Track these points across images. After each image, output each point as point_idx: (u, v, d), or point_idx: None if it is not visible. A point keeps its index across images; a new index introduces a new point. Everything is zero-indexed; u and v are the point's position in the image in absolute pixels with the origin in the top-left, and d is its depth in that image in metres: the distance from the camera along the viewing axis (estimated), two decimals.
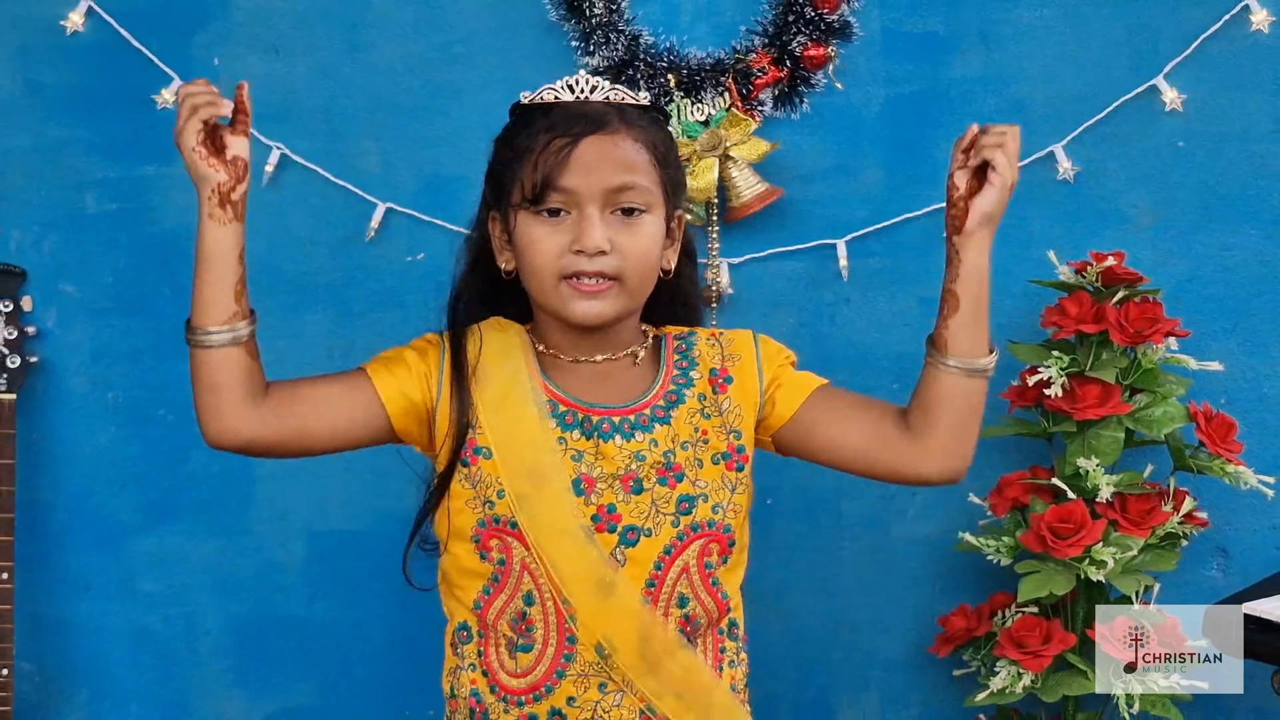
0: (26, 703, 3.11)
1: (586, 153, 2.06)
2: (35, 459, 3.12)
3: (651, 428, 2.14)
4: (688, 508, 2.13)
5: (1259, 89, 2.98)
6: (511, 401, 2.14)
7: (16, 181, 3.11)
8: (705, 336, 2.26)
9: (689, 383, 2.19)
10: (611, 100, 2.12)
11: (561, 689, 2.12)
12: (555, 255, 2.07)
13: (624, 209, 2.08)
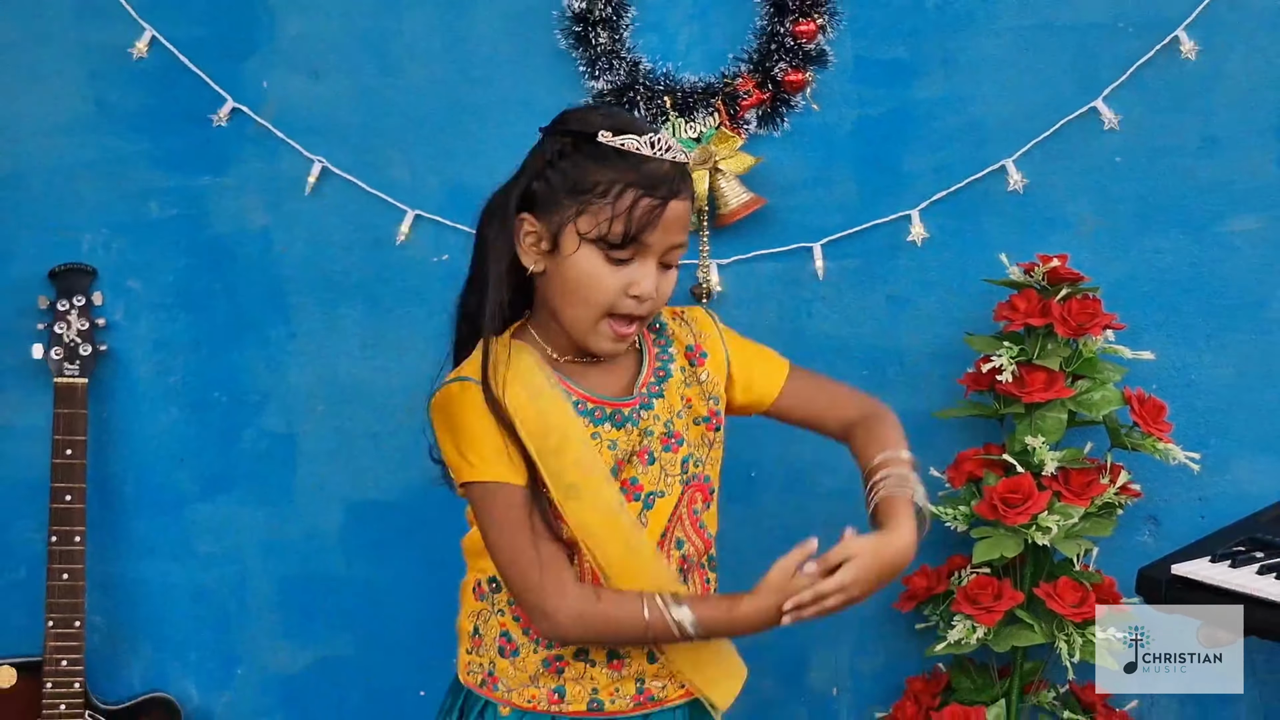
0: (96, 654, 3.11)
1: (670, 217, 2.08)
2: (104, 436, 3.14)
3: (651, 405, 2.20)
4: (687, 467, 2.21)
5: (1188, 110, 2.99)
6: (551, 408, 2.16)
7: (88, 190, 3.11)
8: (670, 316, 2.31)
9: (670, 358, 2.25)
10: (679, 162, 2.12)
11: None
12: (612, 293, 2.09)
13: (667, 264, 2.13)
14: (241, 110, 3.07)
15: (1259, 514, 2.85)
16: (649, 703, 2.24)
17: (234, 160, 3.11)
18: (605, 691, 2.21)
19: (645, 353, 2.25)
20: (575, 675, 2.21)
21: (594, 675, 2.21)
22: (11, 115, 3.10)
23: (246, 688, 3.23)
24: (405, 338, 3.10)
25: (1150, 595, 2.69)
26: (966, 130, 3.04)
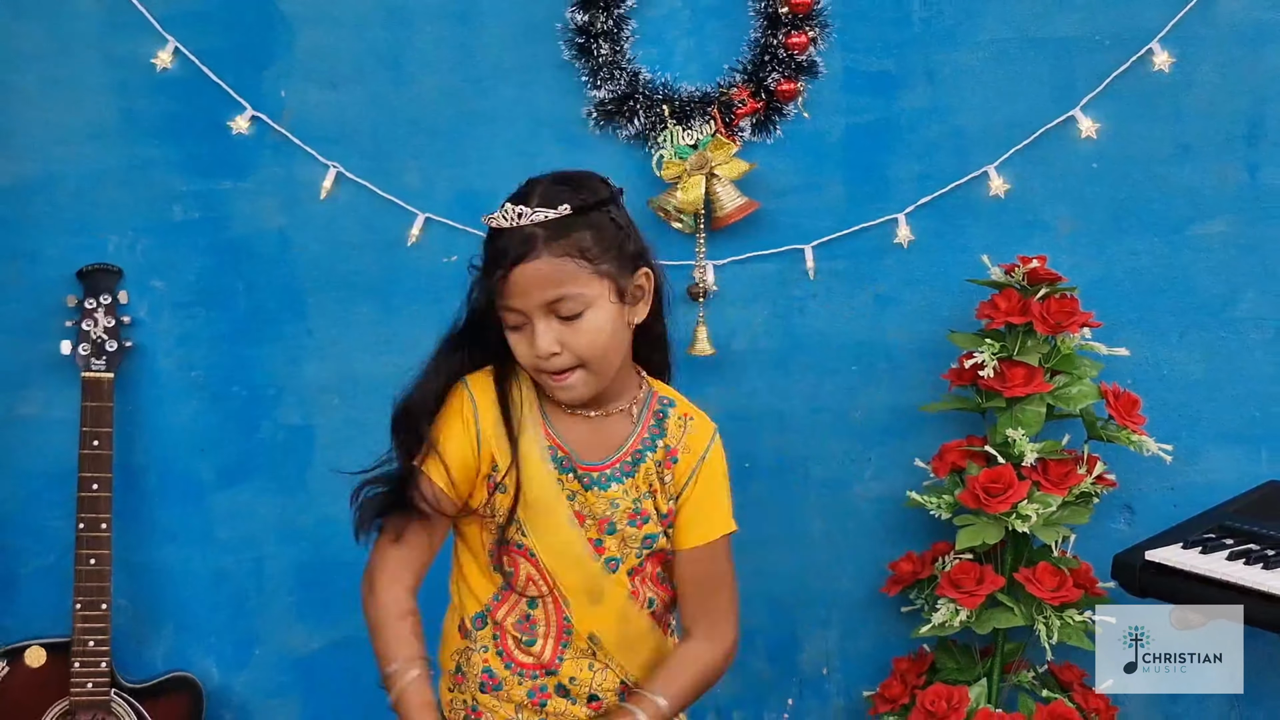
0: (122, 633, 3.12)
1: (518, 279, 2.07)
2: (129, 428, 3.14)
3: (623, 480, 2.21)
4: (649, 543, 2.23)
5: (1161, 119, 3.01)
6: (527, 445, 2.19)
7: (114, 194, 3.12)
8: (678, 416, 2.27)
9: (652, 448, 2.23)
10: (535, 223, 2.08)
11: (563, 669, 2.21)
12: (527, 357, 2.13)
13: (562, 315, 2.09)
14: (260, 118, 3.08)
15: (1228, 503, 2.86)
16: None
17: (253, 166, 3.11)
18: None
19: (636, 432, 2.24)
20: (556, 711, 2.23)
21: (574, 712, 2.23)
22: (41, 123, 3.10)
23: (264, 667, 3.24)
24: (415, 334, 3.09)
25: (1125, 580, 2.71)
26: (950, 138, 3.05)
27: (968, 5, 3.03)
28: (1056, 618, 2.81)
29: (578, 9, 3.01)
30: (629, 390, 2.25)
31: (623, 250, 2.15)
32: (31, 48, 3.09)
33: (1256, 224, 3.03)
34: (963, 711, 2.82)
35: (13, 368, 3.14)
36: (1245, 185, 3.02)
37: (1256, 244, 3.03)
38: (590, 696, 2.23)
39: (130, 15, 3.06)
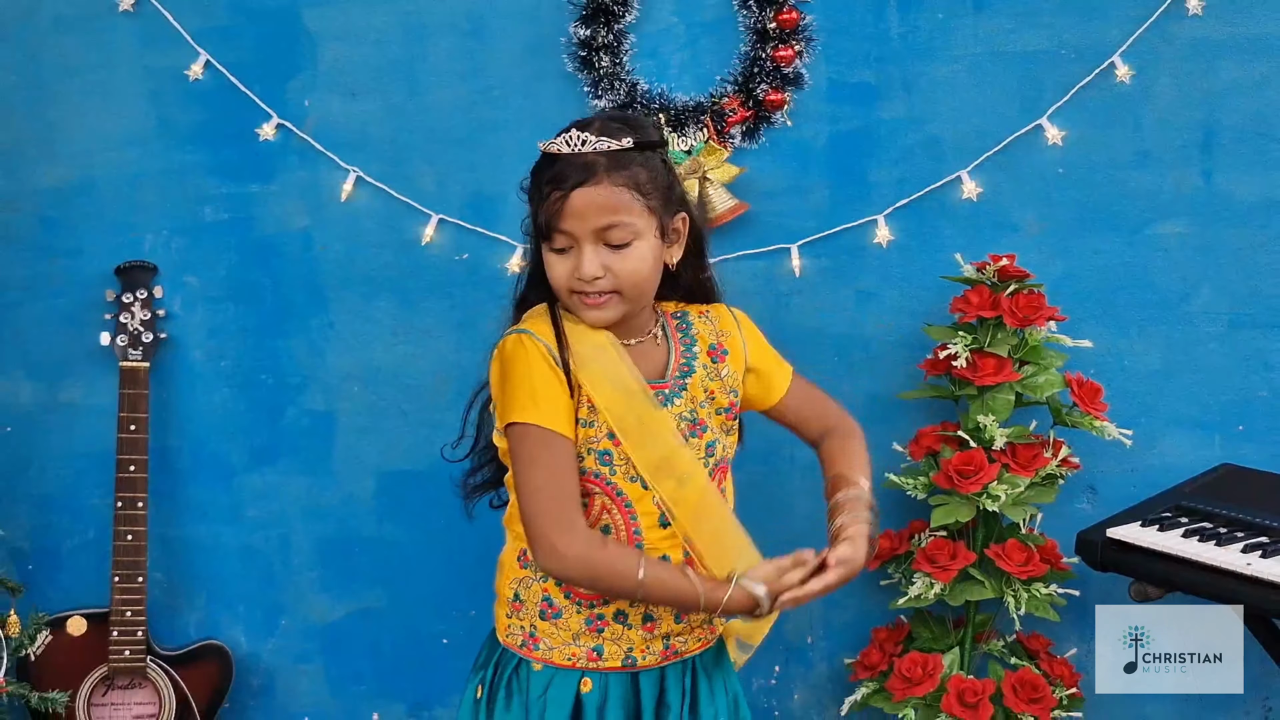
0: (157, 605, 3.12)
1: (577, 202, 2.05)
2: (164, 414, 3.13)
3: (679, 394, 2.19)
4: (711, 451, 2.22)
5: (1122, 127, 2.99)
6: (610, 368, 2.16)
7: (150, 197, 3.11)
8: (697, 314, 2.28)
9: (694, 355, 2.23)
10: (599, 151, 2.07)
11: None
12: (565, 278, 2.10)
13: (612, 244, 2.08)
14: (285, 126, 3.07)
15: (1183, 484, 2.87)
16: (673, 655, 2.24)
17: (279, 170, 3.10)
18: (638, 649, 2.21)
19: (671, 347, 2.24)
20: (613, 636, 2.20)
21: (630, 636, 2.20)
22: (82, 130, 3.09)
23: (290, 635, 3.23)
24: (430, 327, 3.10)
25: (1088, 556, 2.72)
26: (926, 145, 3.04)
27: (943, 21, 3.01)
28: (1024, 591, 2.82)
29: (580, 24, 2.99)
30: (649, 322, 2.24)
31: (669, 191, 2.16)
32: (74, 60, 3.08)
33: (1211, 225, 3.01)
34: (937, 678, 2.83)
35: (56, 357, 3.13)
36: (1200, 189, 3.01)
37: (1211, 244, 3.02)
38: (645, 618, 2.20)
39: (165, 30, 3.05)
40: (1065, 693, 2.87)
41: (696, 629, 2.26)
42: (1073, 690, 2.89)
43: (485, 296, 3.08)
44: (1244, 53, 2.96)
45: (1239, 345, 3.03)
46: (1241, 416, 3.04)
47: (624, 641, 2.20)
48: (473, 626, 3.17)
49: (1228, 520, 2.64)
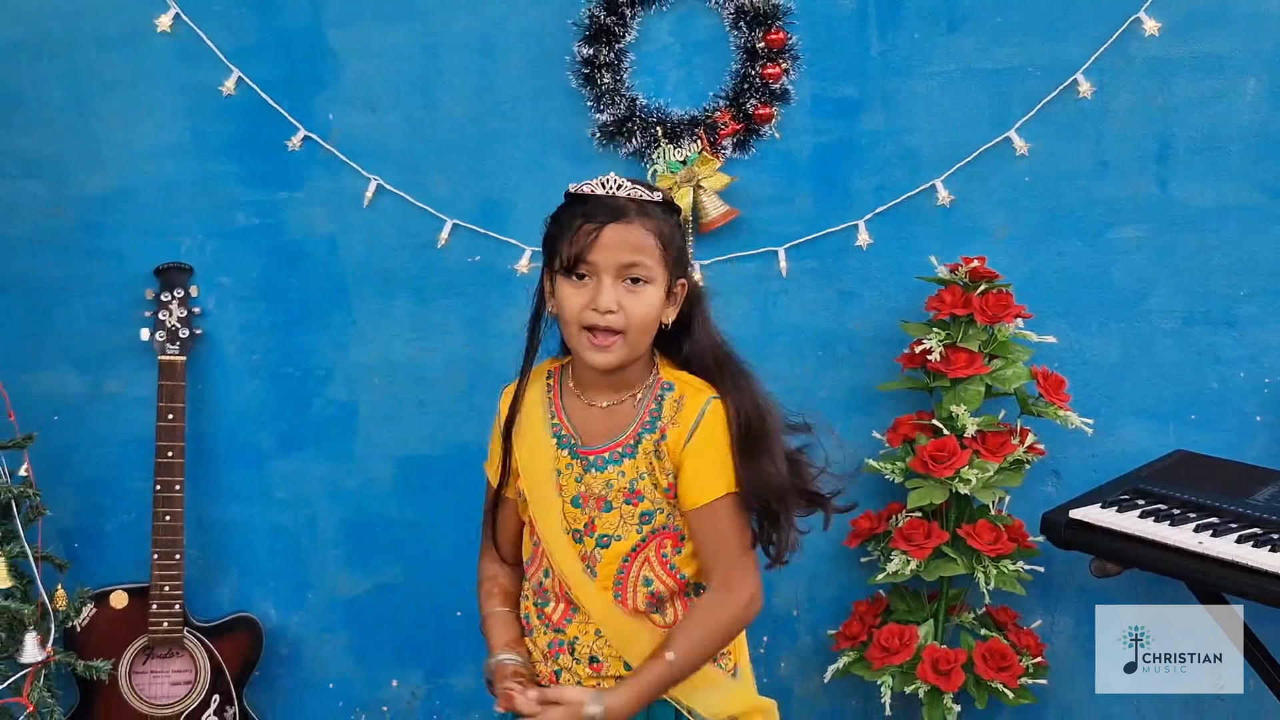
0: (193, 579, 3.13)
1: (608, 237, 2.04)
2: (199, 403, 3.14)
3: (621, 461, 2.13)
4: (647, 519, 2.14)
5: (1084, 140, 3.01)
6: (534, 426, 2.19)
7: (187, 203, 3.11)
8: (673, 399, 2.14)
9: (651, 430, 2.13)
10: (632, 197, 2.07)
11: (570, 630, 2.17)
12: (578, 309, 2.06)
13: (631, 279, 2.06)
14: (311, 138, 3.08)
15: (1140, 469, 2.88)
16: None
17: (305, 178, 3.11)
18: (587, 684, 2.17)
19: (639, 417, 2.16)
20: (567, 665, 2.18)
21: (578, 670, 2.18)
22: (124, 142, 3.10)
23: (315, 608, 3.24)
24: (445, 323, 3.11)
25: (1052, 535, 2.72)
26: (903, 155, 3.05)
27: (919, 41, 3.02)
28: (993, 567, 2.83)
29: (583, 44, 3.00)
30: (642, 380, 2.17)
31: (681, 255, 2.14)
32: (115, 77, 3.09)
33: (1166, 230, 3.03)
34: (913, 647, 2.84)
35: (99, 352, 3.14)
36: (1156, 197, 3.02)
37: (1166, 247, 3.03)
38: (591, 658, 2.17)
39: (200, 49, 3.06)
40: (1031, 661, 2.88)
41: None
42: (1038, 659, 2.90)
43: (495, 295, 3.10)
44: (1197, 70, 2.98)
45: (1192, 341, 3.05)
46: (1194, 406, 3.06)
47: (574, 675, 2.18)
48: None
49: (1181, 502, 2.66)
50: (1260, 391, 3.04)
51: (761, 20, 2.99)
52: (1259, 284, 3.02)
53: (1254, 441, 3.04)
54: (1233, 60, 2.97)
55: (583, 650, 2.17)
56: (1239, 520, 2.57)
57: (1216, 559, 2.48)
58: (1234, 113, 2.99)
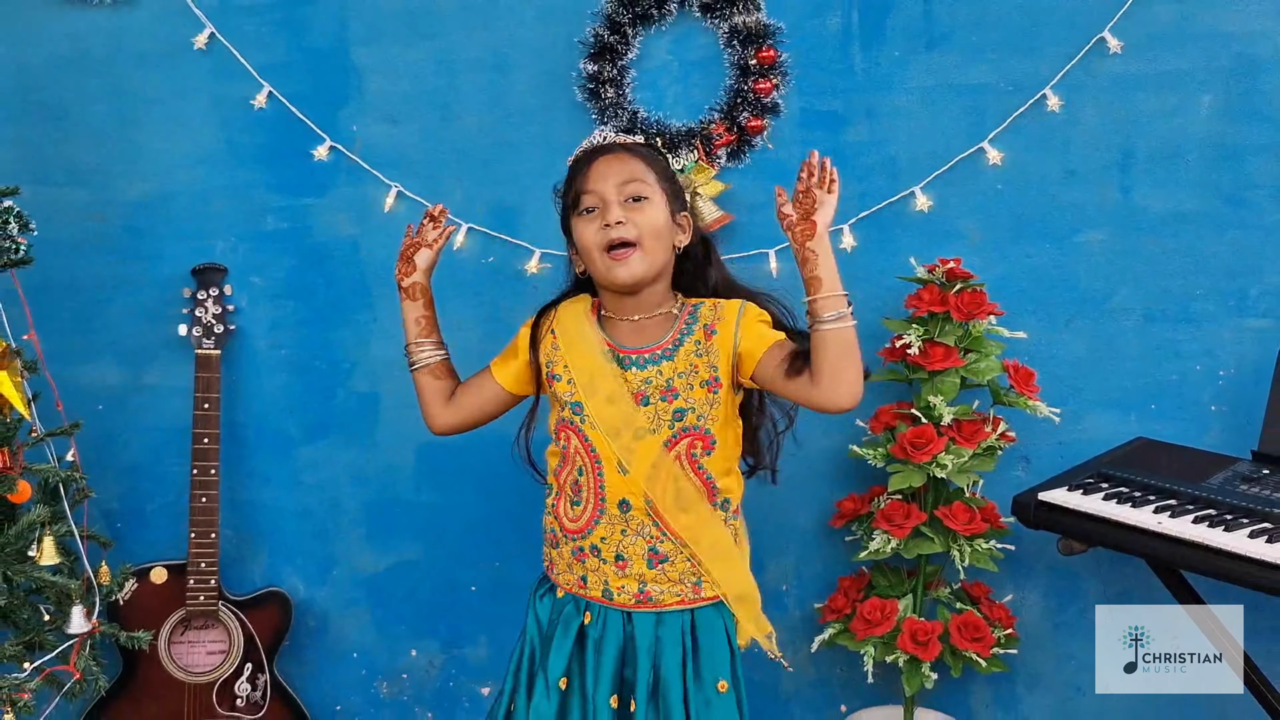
0: (227, 556, 3.15)
1: (600, 167, 2.20)
2: (232, 394, 3.16)
3: (660, 362, 2.23)
4: (680, 416, 2.21)
5: (1052, 150, 3.01)
6: (580, 345, 2.25)
7: (221, 208, 3.13)
8: (710, 304, 2.28)
9: (690, 332, 2.25)
10: (617, 140, 2.27)
11: (597, 531, 2.23)
12: (595, 234, 2.19)
13: (633, 196, 2.19)
14: (336, 148, 3.09)
15: (1104, 455, 2.87)
16: (648, 603, 2.24)
17: (330, 185, 3.12)
18: (614, 584, 2.24)
19: (675, 325, 2.27)
20: (593, 568, 2.25)
21: (604, 570, 2.24)
22: (163, 152, 3.11)
23: (340, 584, 3.25)
24: (460, 319, 3.09)
25: (1022, 516, 2.72)
26: (885, 165, 3.05)
27: (899, 58, 3.02)
28: (968, 546, 2.83)
29: (589, 61, 3.01)
30: (666, 303, 2.29)
31: (675, 187, 2.27)
32: (154, 92, 3.10)
33: (1128, 234, 3.02)
34: (893, 620, 2.84)
35: (140, 346, 3.16)
36: (1119, 203, 3.02)
37: (1128, 250, 3.02)
38: (617, 556, 2.23)
39: (233, 65, 3.07)
40: (1003, 632, 2.88)
41: (674, 584, 2.25)
42: (1009, 631, 2.90)
43: (507, 293, 3.11)
44: (1157, 86, 2.97)
45: (1152, 337, 3.04)
46: (1154, 397, 3.05)
47: (600, 574, 2.25)
48: (497, 576, 3.20)
49: (1142, 486, 2.65)
50: (1215, 383, 3.04)
51: (753, 39, 2.99)
52: (1213, 284, 3.02)
53: (1209, 429, 3.03)
54: (1190, 77, 2.97)
55: (609, 551, 2.23)
56: (1195, 502, 2.57)
57: (1174, 538, 2.48)
58: (1191, 125, 2.99)
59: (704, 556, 2.23)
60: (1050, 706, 3.18)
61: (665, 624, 2.24)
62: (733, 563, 2.27)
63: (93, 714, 3.00)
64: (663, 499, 2.20)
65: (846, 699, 3.19)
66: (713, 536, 2.24)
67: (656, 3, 2.99)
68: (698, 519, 2.22)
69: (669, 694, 2.19)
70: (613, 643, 2.23)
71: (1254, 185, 2.99)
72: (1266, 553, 2.37)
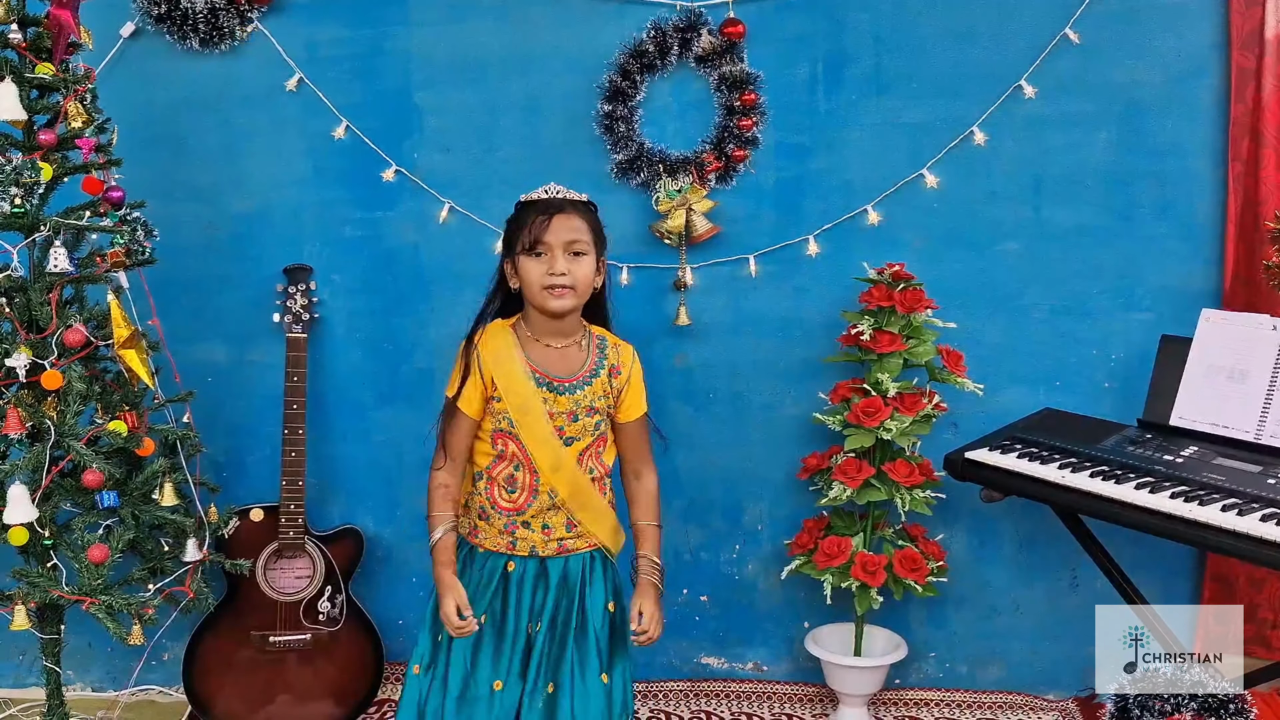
0: (312, 500, 3.13)
1: (555, 224, 2.19)
2: (316, 369, 3.13)
3: (583, 388, 2.25)
4: (597, 426, 2.27)
5: (978, 176, 2.99)
6: (513, 373, 2.23)
7: (309, 220, 3.10)
8: (611, 346, 2.33)
9: (602, 365, 2.29)
10: (567, 198, 2.23)
11: (530, 511, 2.26)
12: (540, 277, 2.19)
13: (575, 251, 2.19)
14: (401, 171, 3.06)
15: (1017, 422, 2.88)
16: (564, 550, 2.29)
17: (396, 201, 3.09)
18: (539, 546, 2.28)
19: (589, 357, 2.29)
20: (522, 535, 2.27)
21: (532, 537, 2.27)
22: (263, 175, 3.09)
23: (403, 521, 3.23)
24: None
25: (952, 471, 2.74)
26: (842, 187, 3.03)
27: (855, 101, 3.00)
28: (908, 494, 2.82)
29: (605, 102, 2.99)
30: (578, 332, 2.30)
31: (601, 241, 2.27)
32: (255, 126, 3.08)
33: (1039, 244, 3.01)
34: (848, 554, 2.84)
35: (243, 331, 3.14)
36: (1032, 219, 3.00)
37: (1038, 257, 3.02)
38: (544, 526, 2.26)
39: (318, 104, 3.05)
40: (935, 564, 2.88)
41: (581, 536, 2.30)
42: (940, 563, 2.90)
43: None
44: (1064, 125, 2.96)
45: (1057, 327, 3.03)
46: (1058, 376, 3.04)
47: (528, 540, 2.27)
48: None
49: (1048, 447, 2.66)
50: (1108, 364, 3.03)
51: (738, 85, 2.96)
52: (1107, 285, 3.01)
53: (1103, 402, 3.03)
54: (1090, 118, 2.95)
55: (537, 524, 2.26)
56: (1091, 460, 2.57)
57: (1075, 489, 2.49)
58: (1090, 157, 2.97)
59: (594, 527, 2.30)
60: (972, 623, 3.18)
61: (571, 561, 2.30)
62: (612, 521, 2.35)
63: (203, 626, 2.99)
64: (574, 498, 2.26)
65: (809, 617, 3.18)
66: (601, 511, 2.31)
67: (660, 55, 2.96)
68: (593, 508, 2.29)
69: (571, 617, 2.27)
70: (530, 580, 2.28)
71: (1139, 205, 2.98)
72: (1149, 501, 2.37)
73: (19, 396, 2.41)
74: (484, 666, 2.26)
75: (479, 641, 2.26)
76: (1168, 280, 2.99)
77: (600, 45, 2.99)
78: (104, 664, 3.26)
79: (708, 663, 3.26)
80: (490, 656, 2.26)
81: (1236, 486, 2.35)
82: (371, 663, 3.05)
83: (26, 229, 2.42)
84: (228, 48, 3.03)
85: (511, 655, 2.25)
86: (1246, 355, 2.60)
